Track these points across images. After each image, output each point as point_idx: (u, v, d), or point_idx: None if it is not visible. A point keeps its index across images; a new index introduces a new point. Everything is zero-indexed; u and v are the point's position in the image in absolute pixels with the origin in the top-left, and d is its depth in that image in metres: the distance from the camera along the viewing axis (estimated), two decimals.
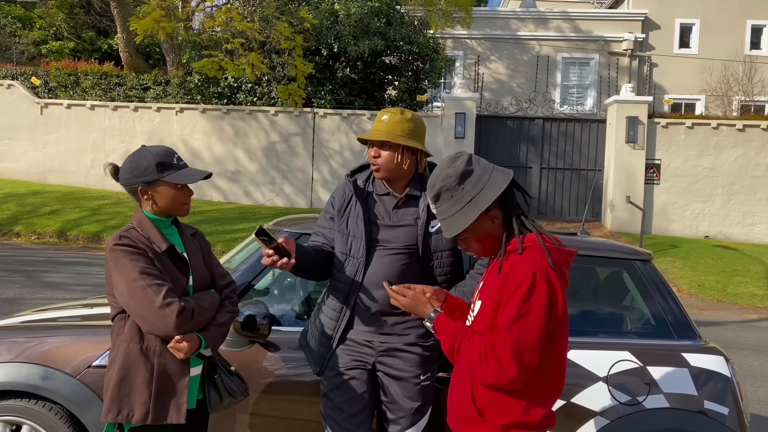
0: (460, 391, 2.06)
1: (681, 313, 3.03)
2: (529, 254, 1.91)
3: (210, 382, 2.39)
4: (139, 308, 2.19)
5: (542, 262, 1.89)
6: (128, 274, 2.19)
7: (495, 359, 1.86)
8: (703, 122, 14.56)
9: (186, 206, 2.36)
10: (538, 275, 1.86)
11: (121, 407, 2.22)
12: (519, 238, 1.94)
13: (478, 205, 1.93)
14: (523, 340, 1.84)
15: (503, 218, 1.99)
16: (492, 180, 1.97)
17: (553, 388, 2.01)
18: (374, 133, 2.48)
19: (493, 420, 1.96)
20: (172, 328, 2.17)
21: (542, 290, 1.86)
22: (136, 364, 2.24)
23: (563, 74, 20.73)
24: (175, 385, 2.25)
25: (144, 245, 2.26)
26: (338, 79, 15.44)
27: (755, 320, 9.40)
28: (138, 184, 2.31)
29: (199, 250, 2.45)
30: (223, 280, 2.47)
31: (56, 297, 7.43)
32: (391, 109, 2.54)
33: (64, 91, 16.63)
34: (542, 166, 15.08)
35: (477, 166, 2.00)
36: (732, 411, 2.84)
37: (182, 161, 2.36)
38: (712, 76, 19.38)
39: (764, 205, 14.34)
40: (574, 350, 2.85)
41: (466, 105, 14.75)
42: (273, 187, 15.42)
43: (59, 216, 13.42)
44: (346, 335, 2.53)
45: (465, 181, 1.96)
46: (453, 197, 1.97)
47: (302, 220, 3.31)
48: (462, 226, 1.95)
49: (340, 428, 2.45)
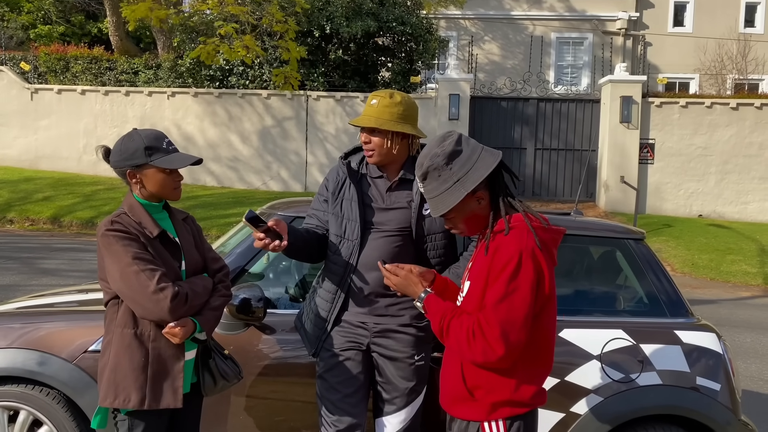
0: (450, 371, 2.09)
1: (673, 291, 3.06)
2: (516, 234, 1.92)
3: (204, 366, 2.40)
4: (132, 294, 2.18)
5: (528, 242, 1.90)
6: (121, 259, 2.18)
7: (483, 338, 1.88)
8: (697, 101, 14.55)
9: (176, 191, 2.34)
10: (524, 254, 1.88)
11: (117, 392, 2.22)
12: (505, 219, 1.95)
13: (465, 186, 1.94)
14: (510, 319, 1.86)
15: (490, 199, 2.00)
16: (480, 161, 1.97)
17: (542, 366, 2.04)
18: (363, 118, 2.46)
19: (483, 398, 1.99)
20: (167, 313, 2.16)
21: (528, 269, 1.87)
22: (130, 349, 2.23)
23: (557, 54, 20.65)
24: (170, 370, 2.26)
25: (135, 230, 2.24)
26: (331, 61, 15.34)
27: (748, 298, 9.48)
28: (126, 167, 2.29)
29: (190, 235, 2.43)
30: (215, 264, 2.46)
31: (51, 283, 7.43)
32: (381, 92, 2.51)
33: (54, 77, 16.48)
34: (537, 147, 15.07)
35: (466, 146, 2.00)
36: (724, 387, 2.87)
37: (172, 146, 2.33)
38: (706, 55, 19.33)
39: (757, 184, 14.39)
40: (568, 329, 2.88)
41: (460, 86, 14.69)
42: (267, 171, 15.38)
43: (52, 202, 13.36)
44: (341, 317, 2.54)
45: (453, 161, 1.97)
46: (440, 177, 1.97)
47: (296, 203, 3.31)
48: (448, 206, 1.96)
49: (336, 408, 2.47)
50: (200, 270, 2.41)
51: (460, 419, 2.06)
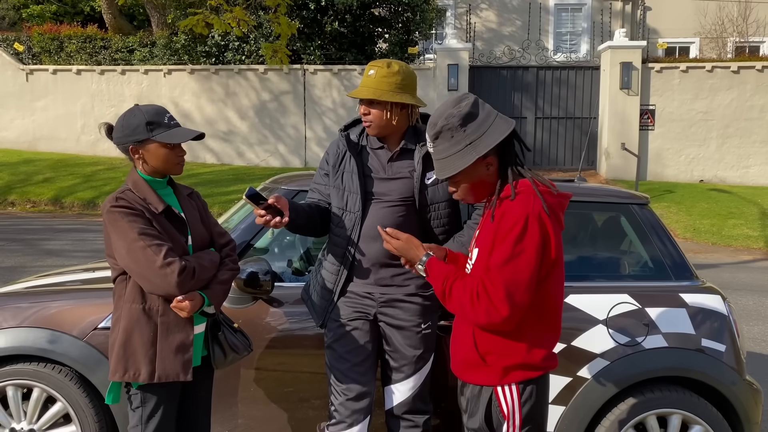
0: (461, 337, 2.10)
1: (678, 255, 3.07)
2: (522, 198, 1.91)
3: (214, 339, 2.42)
4: (139, 269, 2.19)
5: (535, 205, 1.90)
6: (127, 235, 2.18)
7: (487, 299, 1.88)
8: (698, 65, 14.41)
9: (179, 165, 2.34)
10: (530, 217, 1.88)
11: (127, 367, 2.25)
12: (512, 184, 1.94)
13: (477, 149, 1.92)
14: (515, 280, 1.87)
15: (498, 166, 1.99)
16: (494, 126, 1.95)
17: (552, 329, 2.05)
18: (362, 90, 2.44)
19: (495, 363, 2.00)
20: (174, 288, 2.18)
21: (534, 232, 1.87)
22: (139, 324, 2.25)
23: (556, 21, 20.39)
24: (179, 343, 2.27)
25: (141, 206, 2.25)
26: (327, 33, 15.16)
27: (749, 261, 9.52)
28: (129, 143, 2.29)
29: (196, 210, 2.44)
30: (222, 238, 2.47)
31: (56, 264, 7.46)
32: (378, 62, 2.48)
33: (48, 57, 16.32)
34: (537, 116, 14.98)
35: (482, 110, 1.97)
36: (729, 348, 2.90)
37: (174, 120, 2.33)
38: (706, 18, 19.07)
39: (759, 147, 14.34)
40: (574, 294, 2.90)
41: (458, 56, 14.55)
42: (266, 146, 15.32)
43: (53, 184, 13.35)
44: (347, 288, 2.55)
45: (468, 124, 1.94)
46: (453, 138, 1.95)
47: (298, 177, 3.31)
48: (457, 169, 1.94)
49: (345, 377, 2.50)
50: (207, 245, 2.42)
51: (473, 384, 2.08)
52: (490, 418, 2.04)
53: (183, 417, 2.45)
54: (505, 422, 2.01)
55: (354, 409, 2.48)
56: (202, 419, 2.49)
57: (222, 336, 2.43)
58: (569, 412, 2.83)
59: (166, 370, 2.25)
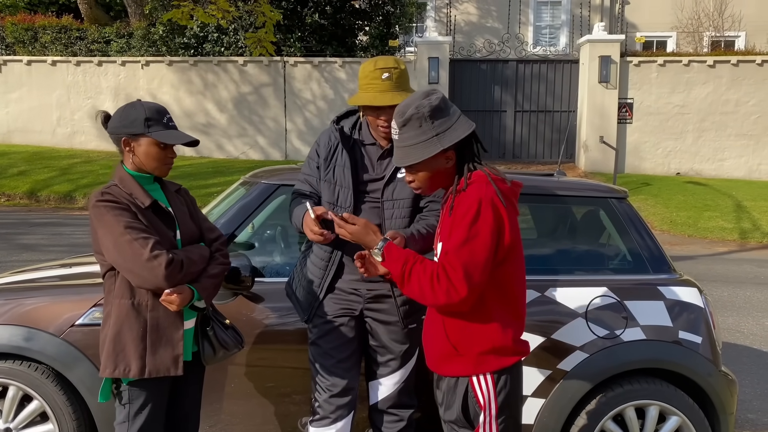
0: (433, 331, 2.14)
1: (656, 248, 3.10)
2: (475, 186, 2.01)
3: (203, 335, 2.41)
4: (127, 263, 2.18)
5: (488, 191, 1.99)
6: (113, 229, 2.17)
7: (447, 280, 1.95)
8: (675, 59, 14.58)
9: (166, 167, 2.33)
10: (483, 202, 1.96)
11: (117, 362, 2.24)
12: (465, 176, 2.04)
13: (441, 142, 2.01)
14: (472, 261, 1.94)
15: (456, 162, 2.07)
16: (458, 123, 2.04)
17: (516, 312, 2.10)
18: (389, 97, 2.31)
19: (468, 351, 2.05)
20: (162, 280, 2.16)
21: (488, 215, 1.96)
22: (128, 320, 2.25)
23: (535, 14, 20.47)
24: (169, 338, 2.27)
25: (127, 200, 2.24)
26: (307, 25, 15.07)
27: (724, 253, 9.68)
28: (123, 134, 2.28)
29: (184, 206, 2.43)
30: (211, 233, 2.47)
31: (31, 259, 7.34)
32: (381, 63, 2.37)
33: (22, 47, 16.01)
34: (516, 109, 15.05)
35: (449, 107, 2.06)
36: (705, 340, 2.95)
37: (172, 122, 2.33)
38: (683, 12, 19.28)
39: (733, 141, 14.56)
40: (554, 288, 2.92)
41: (439, 49, 14.55)
42: (246, 139, 15.21)
43: (28, 177, 13.12)
44: (334, 284, 2.54)
45: (436, 116, 2.02)
46: (421, 127, 2.01)
47: (279, 171, 3.28)
48: (419, 158, 2.01)
49: (330, 374, 2.50)
50: (196, 240, 2.42)
51: (449, 377, 2.10)
52: (467, 408, 2.08)
53: (173, 412, 2.45)
54: (481, 412, 2.05)
55: (338, 404, 2.48)
56: (191, 414, 2.49)
57: (211, 331, 2.41)
58: (549, 404, 2.86)
59: (157, 365, 2.24)
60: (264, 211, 3.07)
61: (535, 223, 3.46)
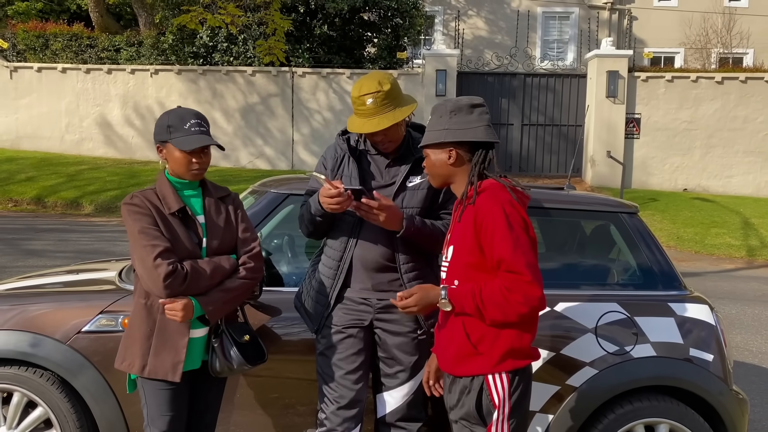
0: (451, 333, 2.16)
1: (667, 264, 3.07)
2: (490, 193, 2.08)
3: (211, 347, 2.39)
4: (137, 266, 2.26)
5: (503, 195, 2.07)
6: (131, 231, 2.25)
7: (519, 287, 1.98)
8: (683, 75, 14.57)
9: (192, 172, 2.33)
10: (505, 206, 2.04)
11: (125, 357, 2.34)
12: (475, 185, 2.10)
13: (446, 136, 2.14)
14: (529, 261, 2.01)
15: (464, 167, 2.15)
16: (477, 130, 2.14)
17: (532, 318, 2.16)
18: (378, 121, 2.37)
19: (488, 350, 2.09)
20: (160, 290, 2.20)
21: (515, 215, 2.04)
22: (139, 318, 2.32)
23: (543, 29, 20.54)
24: (173, 344, 2.29)
25: (151, 205, 2.28)
26: (316, 36, 15.14)
27: (732, 270, 9.62)
28: (156, 142, 2.37)
29: (223, 214, 2.39)
30: (244, 245, 2.40)
31: (38, 264, 7.35)
32: (367, 86, 2.39)
33: (33, 54, 16.12)
34: (523, 123, 15.05)
35: (477, 113, 2.16)
36: (716, 358, 2.91)
37: (197, 127, 2.30)
38: (691, 29, 19.31)
39: (741, 158, 14.51)
40: (563, 303, 2.89)
41: (446, 61, 14.59)
42: (253, 149, 15.24)
43: (36, 183, 13.18)
44: (343, 294, 2.53)
45: (457, 114, 2.15)
46: (441, 118, 2.17)
47: (287, 180, 3.27)
48: (425, 141, 2.19)
49: (338, 385, 2.47)
50: (228, 250, 2.38)
51: (465, 377, 2.12)
52: (480, 406, 2.12)
53: (189, 418, 2.45)
54: (495, 410, 2.09)
55: (345, 417, 2.46)
56: (206, 421, 2.50)
57: (216, 345, 2.37)
58: (557, 420, 2.83)
59: (156, 367, 2.28)
60: (273, 221, 3.06)
61: (545, 237, 3.43)
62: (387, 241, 2.46)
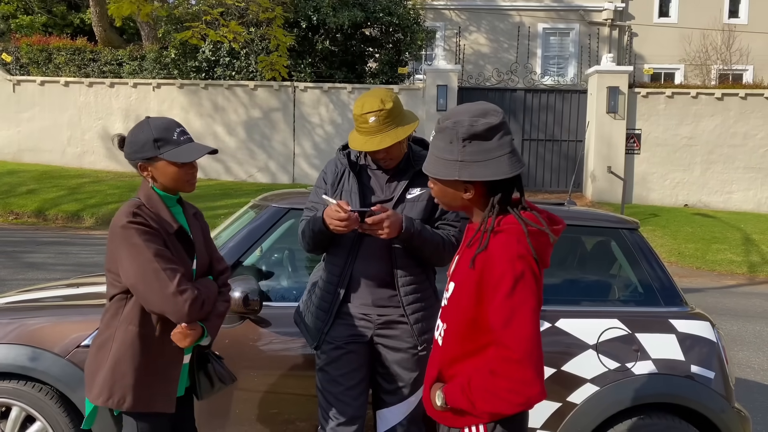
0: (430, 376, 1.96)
1: (668, 280, 3.07)
2: (503, 241, 1.74)
3: (201, 370, 2.34)
4: (148, 291, 2.06)
5: (519, 249, 1.72)
6: (141, 254, 2.05)
7: (506, 369, 1.70)
8: (683, 91, 14.63)
9: (189, 183, 2.20)
10: (516, 266, 1.70)
11: (113, 391, 2.11)
12: (491, 229, 1.75)
13: (461, 172, 1.76)
14: (525, 335, 1.70)
15: (482, 200, 1.81)
16: (496, 162, 1.75)
17: None
18: (381, 140, 2.36)
19: None
20: (184, 317, 2.07)
21: (527, 275, 1.71)
22: (132, 348, 2.12)
23: (544, 45, 20.67)
24: (168, 374, 2.19)
25: (156, 224, 2.12)
26: (318, 51, 15.24)
27: (733, 286, 9.59)
28: (137, 160, 2.17)
29: (200, 232, 2.32)
30: (219, 264, 2.35)
31: (38, 277, 7.34)
32: (370, 103, 2.38)
33: (36, 68, 16.22)
34: (524, 138, 15.09)
35: (497, 138, 1.77)
36: (718, 375, 2.90)
37: (185, 135, 2.18)
38: (691, 45, 19.43)
39: (742, 173, 14.53)
40: (564, 319, 2.88)
41: (447, 77, 14.66)
42: (254, 162, 15.28)
43: (37, 195, 13.20)
44: (343, 309, 2.52)
45: (472, 142, 1.75)
46: (451, 144, 1.77)
47: (289, 195, 3.28)
48: (434, 174, 1.81)
49: (338, 401, 2.46)
50: (207, 270, 2.31)
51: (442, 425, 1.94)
52: None
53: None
54: None
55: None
56: None
57: (211, 367, 2.35)
58: None
59: (152, 400, 2.13)
60: (273, 235, 3.06)
61: None
62: (386, 257, 2.46)
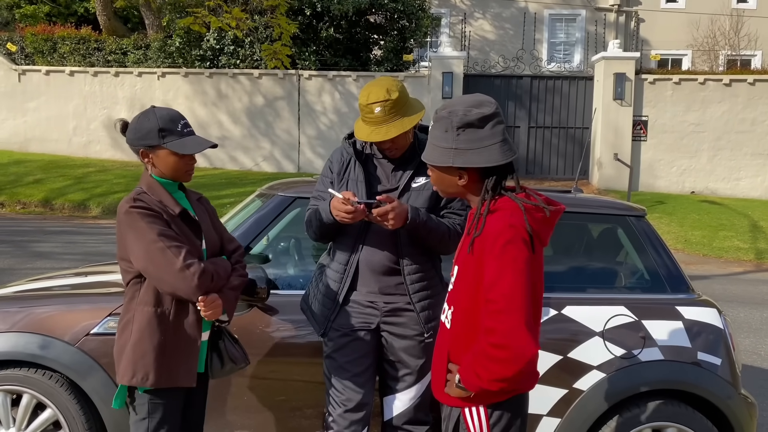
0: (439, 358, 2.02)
1: (674, 267, 3.07)
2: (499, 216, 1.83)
3: (213, 348, 2.40)
4: (158, 271, 2.17)
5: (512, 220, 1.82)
6: (146, 236, 2.16)
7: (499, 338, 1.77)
8: (690, 77, 14.52)
9: (188, 174, 2.33)
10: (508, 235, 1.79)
11: (136, 370, 2.21)
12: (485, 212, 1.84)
13: (454, 159, 1.87)
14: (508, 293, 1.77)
15: (476, 186, 1.91)
16: (489, 150, 1.85)
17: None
18: (387, 130, 2.36)
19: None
20: (194, 290, 2.16)
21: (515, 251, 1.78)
22: (150, 327, 2.23)
23: (550, 31, 20.52)
24: (188, 350, 2.27)
25: (158, 208, 2.24)
26: (322, 39, 15.17)
27: (740, 273, 9.57)
28: (140, 147, 2.28)
29: (206, 215, 2.43)
30: (231, 244, 2.47)
31: (46, 266, 7.38)
32: (375, 93, 2.38)
33: (41, 57, 16.22)
34: (530, 125, 15.03)
35: (489, 127, 1.87)
36: (724, 361, 2.90)
37: (188, 128, 2.31)
38: (698, 31, 19.24)
39: (749, 160, 14.44)
40: (570, 306, 2.89)
41: (453, 64, 14.59)
42: (259, 151, 15.28)
43: (43, 185, 13.25)
44: (350, 297, 2.53)
45: (465, 130, 1.87)
46: (446, 133, 1.89)
47: (295, 183, 3.29)
48: (431, 160, 1.93)
49: (345, 388, 2.48)
50: (219, 250, 2.41)
51: (445, 404, 2.01)
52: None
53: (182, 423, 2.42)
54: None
55: (352, 420, 2.46)
56: (198, 426, 2.47)
57: (222, 345, 2.40)
58: (564, 424, 2.82)
59: (174, 376, 2.24)
60: (280, 224, 3.07)
61: (552, 241, 3.42)
62: (392, 245, 2.47)
